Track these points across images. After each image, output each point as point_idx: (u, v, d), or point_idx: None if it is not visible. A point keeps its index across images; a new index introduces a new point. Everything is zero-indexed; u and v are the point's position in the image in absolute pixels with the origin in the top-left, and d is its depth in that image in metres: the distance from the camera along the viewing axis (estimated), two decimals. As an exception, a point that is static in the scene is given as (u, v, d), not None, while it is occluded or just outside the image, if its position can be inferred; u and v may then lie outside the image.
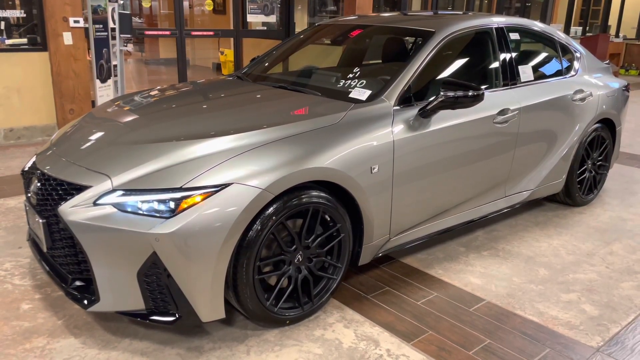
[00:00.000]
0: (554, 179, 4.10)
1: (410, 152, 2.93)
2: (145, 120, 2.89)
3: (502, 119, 3.45)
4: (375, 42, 3.85)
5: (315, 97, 3.10)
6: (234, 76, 3.82)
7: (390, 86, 3.02)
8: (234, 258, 2.35)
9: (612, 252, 3.63)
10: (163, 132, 2.67)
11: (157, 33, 9.22)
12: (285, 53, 4.02)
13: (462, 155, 3.24)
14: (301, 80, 3.58)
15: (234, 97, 3.29)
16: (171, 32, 8.35)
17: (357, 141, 2.71)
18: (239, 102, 3.13)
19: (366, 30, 3.88)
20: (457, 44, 3.50)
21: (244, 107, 2.95)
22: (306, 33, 4.08)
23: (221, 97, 3.28)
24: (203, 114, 2.90)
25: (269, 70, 3.81)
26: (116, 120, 2.99)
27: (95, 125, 2.97)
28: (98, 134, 2.80)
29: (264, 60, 3.96)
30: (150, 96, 3.38)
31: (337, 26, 3.99)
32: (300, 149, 2.51)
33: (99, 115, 3.16)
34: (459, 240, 3.73)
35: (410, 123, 2.96)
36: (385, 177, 2.84)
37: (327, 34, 3.99)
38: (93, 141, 2.72)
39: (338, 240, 2.74)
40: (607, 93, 4.36)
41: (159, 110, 3.04)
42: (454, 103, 2.93)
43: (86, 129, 2.92)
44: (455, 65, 3.50)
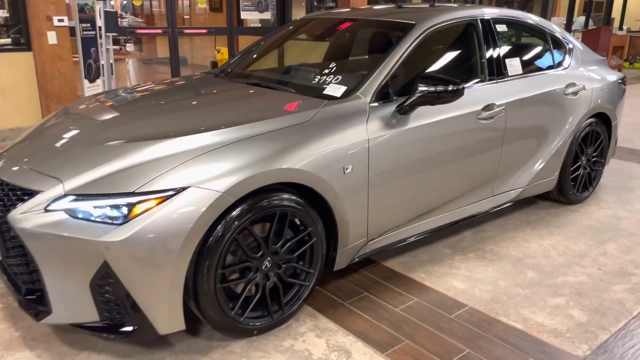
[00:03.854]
0: (545, 177, 3.95)
1: (387, 151, 2.79)
2: (110, 120, 2.76)
3: (487, 115, 3.29)
4: (357, 36, 3.70)
5: (288, 94, 2.96)
6: (212, 74, 3.69)
7: (366, 82, 2.87)
8: (193, 266, 2.22)
9: (605, 253, 3.47)
10: (125, 132, 2.54)
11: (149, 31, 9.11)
12: (265, 49, 3.88)
13: (444, 153, 3.10)
14: (277, 77, 3.44)
15: (205, 96, 3.15)
16: (163, 31, 8.24)
17: (329, 140, 2.57)
18: (208, 101, 3.00)
19: (348, 24, 3.73)
20: (440, 36, 3.35)
21: (212, 106, 2.82)
22: (287, 28, 3.94)
23: (192, 96, 3.14)
24: (169, 113, 2.76)
25: (247, 68, 3.67)
26: (83, 119, 2.87)
27: (61, 124, 2.85)
28: (61, 134, 2.68)
29: (243, 57, 3.82)
30: (124, 94, 3.25)
31: (318, 20, 3.84)
32: (266, 149, 2.37)
33: (69, 112, 3.05)
34: (445, 242, 3.58)
35: (388, 120, 2.82)
36: (360, 177, 2.70)
37: (308, 29, 3.85)
38: (54, 142, 2.60)
39: (310, 244, 2.60)
40: (601, 86, 4.19)
41: (126, 110, 2.90)
42: (433, 99, 2.79)
43: (51, 128, 2.81)
44: (437, 58, 3.35)
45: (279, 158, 2.38)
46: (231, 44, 8.77)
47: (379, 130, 2.77)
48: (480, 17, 3.50)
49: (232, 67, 3.70)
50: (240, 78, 3.42)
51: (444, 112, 3.05)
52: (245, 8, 8.81)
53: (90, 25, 6.35)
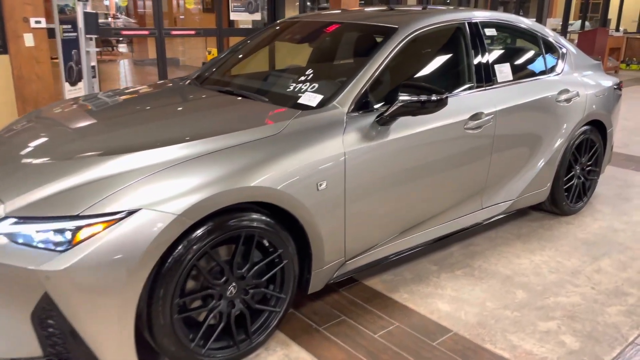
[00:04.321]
0: (537, 188, 3.76)
1: (365, 165, 2.60)
2: (72, 131, 2.57)
3: (475, 124, 3.10)
4: (339, 40, 3.50)
5: (260, 104, 2.76)
6: (186, 79, 3.48)
7: (344, 90, 2.68)
8: (147, 296, 2.02)
9: (600, 270, 3.28)
10: (81, 145, 2.34)
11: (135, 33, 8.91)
12: (243, 54, 3.68)
13: (427, 165, 2.90)
14: (252, 84, 3.24)
15: (171, 106, 2.94)
16: (150, 32, 8.05)
17: (301, 154, 2.38)
18: (172, 112, 2.79)
19: (330, 28, 3.54)
20: (425, 41, 3.16)
21: (175, 118, 2.62)
22: (267, 32, 3.74)
23: (158, 106, 2.93)
24: (130, 126, 2.56)
25: (222, 74, 3.46)
26: (45, 127, 2.69)
27: (23, 131, 2.66)
28: (19, 143, 2.50)
29: (219, 61, 3.62)
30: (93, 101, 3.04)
31: (299, 23, 3.64)
32: (229, 166, 2.17)
33: (38, 117, 2.88)
34: (432, 257, 3.39)
35: (366, 132, 2.63)
36: (336, 193, 2.50)
37: (288, 33, 3.65)
38: (8, 152, 2.41)
39: (280, 267, 2.41)
40: (596, 92, 4.01)
41: (89, 120, 2.70)
42: (415, 109, 2.60)
43: (12, 136, 2.62)
44: (422, 65, 3.16)
45: (244, 175, 2.18)
46: (220, 45, 8.58)
47: (357, 143, 2.57)
48: (467, 21, 3.30)
49: (208, 72, 3.49)
50: (213, 85, 3.22)
51: (428, 122, 2.86)
52: (235, 9, 8.62)
53: (71, 26, 6.17)
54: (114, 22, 20.54)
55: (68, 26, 6.15)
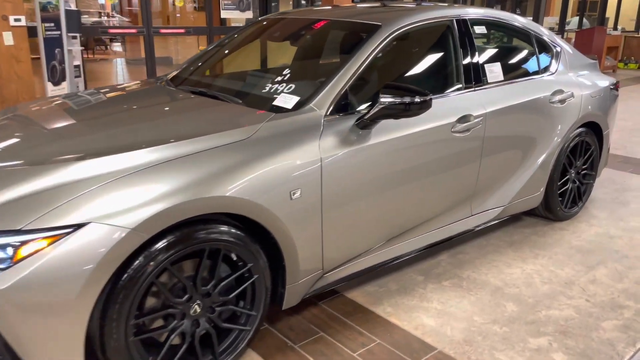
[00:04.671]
0: (530, 193, 3.59)
1: (344, 171, 2.43)
2: (24, 135, 2.39)
3: (463, 127, 2.94)
4: (321, 39, 3.32)
5: (233, 106, 2.59)
6: (161, 79, 3.31)
7: (322, 91, 2.51)
8: (97, 318, 1.86)
9: (595, 280, 3.12)
10: (31, 151, 2.16)
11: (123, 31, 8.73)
12: (222, 53, 3.50)
13: (412, 171, 2.74)
14: (227, 85, 3.07)
15: (140, 109, 2.74)
16: (138, 30, 7.91)
17: (272, 161, 2.21)
18: (139, 115, 2.60)
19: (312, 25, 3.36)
20: (410, 39, 2.99)
21: (140, 122, 2.44)
22: (247, 30, 3.56)
23: (126, 109, 2.74)
24: (93, 130, 2.38)
25: (199, 74, 3.28)
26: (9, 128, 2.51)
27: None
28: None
29: (197, 61, 3.45)
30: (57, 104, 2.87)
31: (281, 21, 3.47)
32: (192, 174, 2.00)
33: (12, 116, 2.70)
34: (418, 267, 3.22)
35: (345, 136, 2.46)
36: (311, 202, 2.33)
37: (270, 30, 3.47)
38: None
39: (251, 282, 2.24)
40: (591, 93, 3.84)
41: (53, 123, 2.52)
42: (397, 112, 2.43)
43: None
44: (407, 65, 2.99)
45: (209, 184, 2.01)
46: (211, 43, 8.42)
47: (335, 148, 2.40)
48: (456, 18, 3.13)
49: (183, 72, 3.32)
50: (187, 86, 3.04)
51: (412, 125, 2.70)
52: (226, 7, 8.46)
53: (54, 24, 6.01)
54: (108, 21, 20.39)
55: (51, 24, 5.99)
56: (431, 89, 2.94)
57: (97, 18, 20.66)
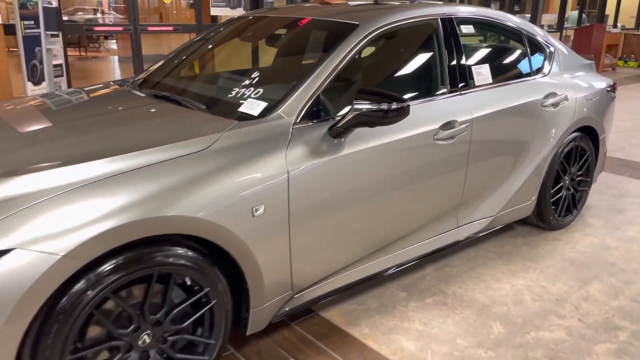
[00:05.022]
0: (521, 202, 3.40)
1: (314, 183, 2.23)
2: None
3: (447, 134, 2.74)
4: (296, 39, 3.12)
5: (195, 112, 2.38)
6: (128, 82, 3.10)
7: (291, 97, 2.31)
8: (29, 352, 1.66)
9: (589, 297, 2.92)
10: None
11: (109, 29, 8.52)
12: (193, 53, 3.30)
13: (391, 182, 2.54)
14: (193, 88, 2.86)
15: (92, 116, 2.46)
16: (124, 28, 7.70)
17: (232, 174, 2.01)
18: (90, 123, 2.35)
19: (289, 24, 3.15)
20: (390, 40, 2.79)
21: (90, 131, 2.22)
22: (222, 29, 3.35)
23: (76, 118, 2.47)
24: (31, 142, 2.16)
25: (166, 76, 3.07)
26: None
27: None
28: None
29: (168, 62, 3.24)
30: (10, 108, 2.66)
31: (257, 20, 3.26)
32: (138, 191, 1.80)
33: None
34: (401, 282, 3.03)
35: (316, 145, 2.26)
36: (277, 218, 2.14)
37: (244, 30, 3.27)
38: None
39: (209, 308, 2.04)
40: (587, 96, 3.64)
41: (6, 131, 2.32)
42: (373, 119, 2.23)
43: None
44: (386, 67, 2.79)
45: (159, 202, 1.81)
46: (199, 41, 8.21)
47: (304, 158, 2.20)
48: (441, 17, 2.93)
49: (153, 74, 3.11)
50: (151, 89, 2.84)
51: (390, 133, 2.50)
52: (215, 4, 8.25)
53: (34, 22, 5.83)
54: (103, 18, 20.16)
55: (31, 22, 5.80)
56: (413, 93, 2.74)
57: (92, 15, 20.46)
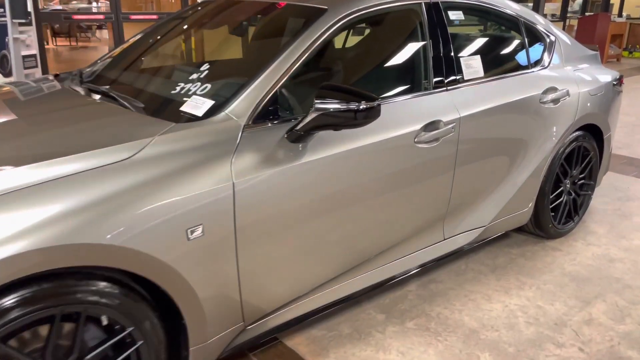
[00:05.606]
0: (516, 209, 3.05)
1: (267, 195, 1.89)
2: None
3: (430, 137, 2.38)
4: (260, 27, 2.75)
5: (129, 113, 2.03)
6: (73, 75, 2.74)
7: (242, 94, 1.96)
8: None
9: (591, 320, 2.58)
10: None
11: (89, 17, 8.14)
12: (149, 43, 2.93)
13: (362, 192, 2.19)
14: (138, 84, 2.49)
15: (17, 117, 2.14)
16: (105, 17, 7.35)
17: (161, 189, 1.66)
18: (11, 125, 2.02)
19: (251, 10, 2.79)
20: (364, 27, 2.42)
21: (5, 136, 1.88)
22: (179, 16, 2.99)
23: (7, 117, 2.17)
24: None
25: (112, 68, 2.71)
26: None
27: None
28: None
29: (119, 53, 2.88)
30: None
31: (218, 5, 2.89)
32: (31, 214, 1.45)
33: None
34: (380, 301, 2.69)
35: (271, 151, 1.91)
36: (219, 239, 1.79)
37: (203, 16, 2.90)
38: None
39: (135, 349, 1.70)
40: (591, 90, 3.28)
41: None
42: (336, 121, 1.88)
43: None
44: (359, 59, 2.43)
45: (67, 225, 1.47)
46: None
47: (255, 168, 1.86)
48: (425, 1, 2.56)
49: (97, 66, 2.75)
50: (95, 84, 2.48)
51: (362, 136, 2.15)
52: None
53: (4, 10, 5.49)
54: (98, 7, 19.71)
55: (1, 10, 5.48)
56: (391, 89, 2.39)
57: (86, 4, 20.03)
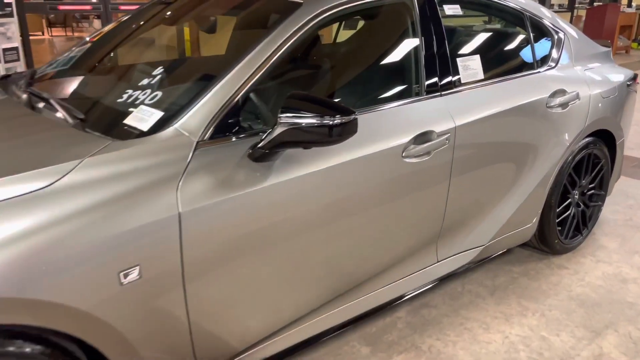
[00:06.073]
0: (519, 225, 2.75)
1: (223, 224, 1.60)
2: None
3: (420, 150, 2.08)
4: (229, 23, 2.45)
5: (61, 127, 1.73)
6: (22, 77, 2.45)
7: (195, 105, 1.66)
8: None
9: (602, 355, 2.29)
10: None
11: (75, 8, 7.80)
12: (110, 41, 2.62)
13: (340, 215, 1.90)
14: (86, 89, 2.18)
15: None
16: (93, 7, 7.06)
17: (87, 224, 1.37)
18: None
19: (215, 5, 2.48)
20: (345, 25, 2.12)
21: None
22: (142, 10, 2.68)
23: None
24: None
25: (67, 69, 2.41)
26: None
27: None
28: None
29: (77, 51, 2.58)
30: None
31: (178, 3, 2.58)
32: None
33: None
34: (366, 330, 2.40)
35: (230, 173, 1.62)
36: (161, 280, 1.51)
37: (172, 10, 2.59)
38: None
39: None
40: (603, 92, 2.97)
41: None
42: (306, 140, 1.58)
43: None
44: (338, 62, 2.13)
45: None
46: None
47: (208, 193, 1.57)
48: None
49: (50, 67, 2.46)
50: (40, 87, 2.18)
51: (339, 152, 1.85)
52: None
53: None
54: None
55: (-23, 1, 5.19)
56: (375, 95, 2.08)
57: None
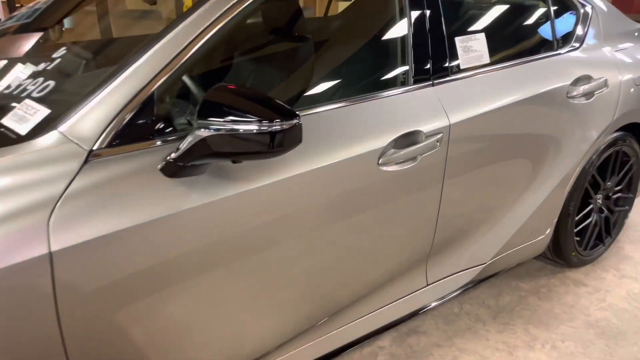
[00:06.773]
0: (529, 238, 2.32)
1: (119, 261, 1.19)
2: None
3: (403, 155, 1.64)
4: None
5: None
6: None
7: (89, 102, 1.24)
8: None
9: (625, 406, 1.87)
10: None
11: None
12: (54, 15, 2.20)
13: (295, 237, 1.49)
14: None
15: None
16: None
17: None
18: None
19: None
20: None
21: None
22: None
23: None
24: None
25: None
26: None
27: None
28: None
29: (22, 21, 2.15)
30: None
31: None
32: None
33: None
34: None
35: (135, 194, 1.20)
36: (24, 344, 1.11)
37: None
38: None
39: None
40: (636, 78, 2.48)
41: None
42: (232, 152, 1.16)
43: None
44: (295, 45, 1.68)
45: None
46: None
47: (98, 225, 1.15)
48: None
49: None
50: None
51: (292, 161, 1.42)
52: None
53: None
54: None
55: None
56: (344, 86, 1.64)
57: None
